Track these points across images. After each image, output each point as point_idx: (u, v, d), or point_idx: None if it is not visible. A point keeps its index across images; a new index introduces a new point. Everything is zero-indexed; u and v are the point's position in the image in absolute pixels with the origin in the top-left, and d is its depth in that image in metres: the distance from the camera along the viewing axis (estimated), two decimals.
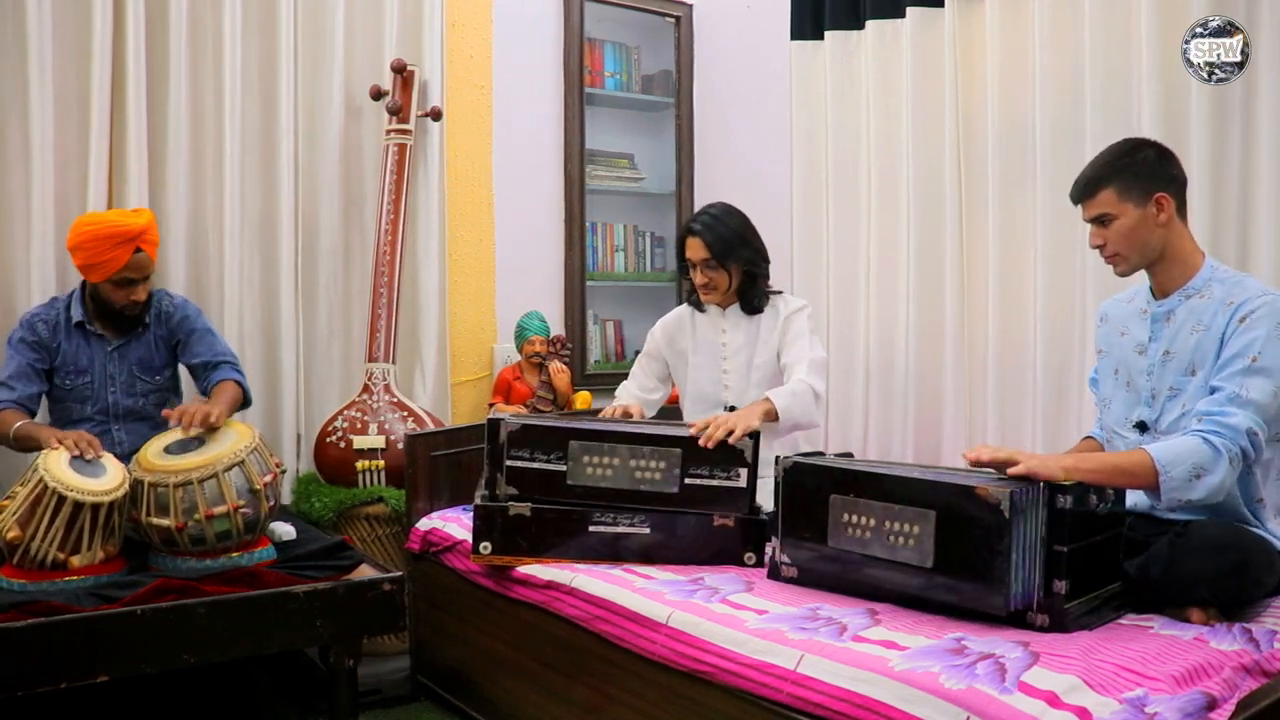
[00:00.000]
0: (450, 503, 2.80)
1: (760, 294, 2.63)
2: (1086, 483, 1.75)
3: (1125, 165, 1.94)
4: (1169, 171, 1.95)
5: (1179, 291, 1.97)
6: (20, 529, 2.08)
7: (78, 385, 2.58)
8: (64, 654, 1.97)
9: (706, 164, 4.11)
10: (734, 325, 2.66)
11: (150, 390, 2.66)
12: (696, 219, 2.61)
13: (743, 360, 2.63)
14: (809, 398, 2.44)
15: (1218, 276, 1.95)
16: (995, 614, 1.69)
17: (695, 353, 2.70)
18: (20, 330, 2.57)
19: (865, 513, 1.86)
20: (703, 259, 2.57)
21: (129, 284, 2.52)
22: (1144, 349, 2.02)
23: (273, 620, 2.17)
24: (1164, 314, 1.99)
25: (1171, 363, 1.96)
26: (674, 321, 2.77)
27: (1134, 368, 2.03)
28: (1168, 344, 1.97)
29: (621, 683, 2.00)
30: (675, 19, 4.08)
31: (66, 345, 2.57)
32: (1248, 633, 1.67)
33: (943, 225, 3.15)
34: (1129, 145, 1.99)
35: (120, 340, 2.62)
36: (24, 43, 2.79)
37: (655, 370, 2.79)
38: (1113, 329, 2.13)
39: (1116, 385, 2.09)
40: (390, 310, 3.23)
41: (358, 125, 3.39)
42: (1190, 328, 1.93)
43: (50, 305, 2.63)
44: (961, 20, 3.10)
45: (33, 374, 2.53)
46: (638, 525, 2.22)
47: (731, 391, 2.64)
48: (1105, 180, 1.95)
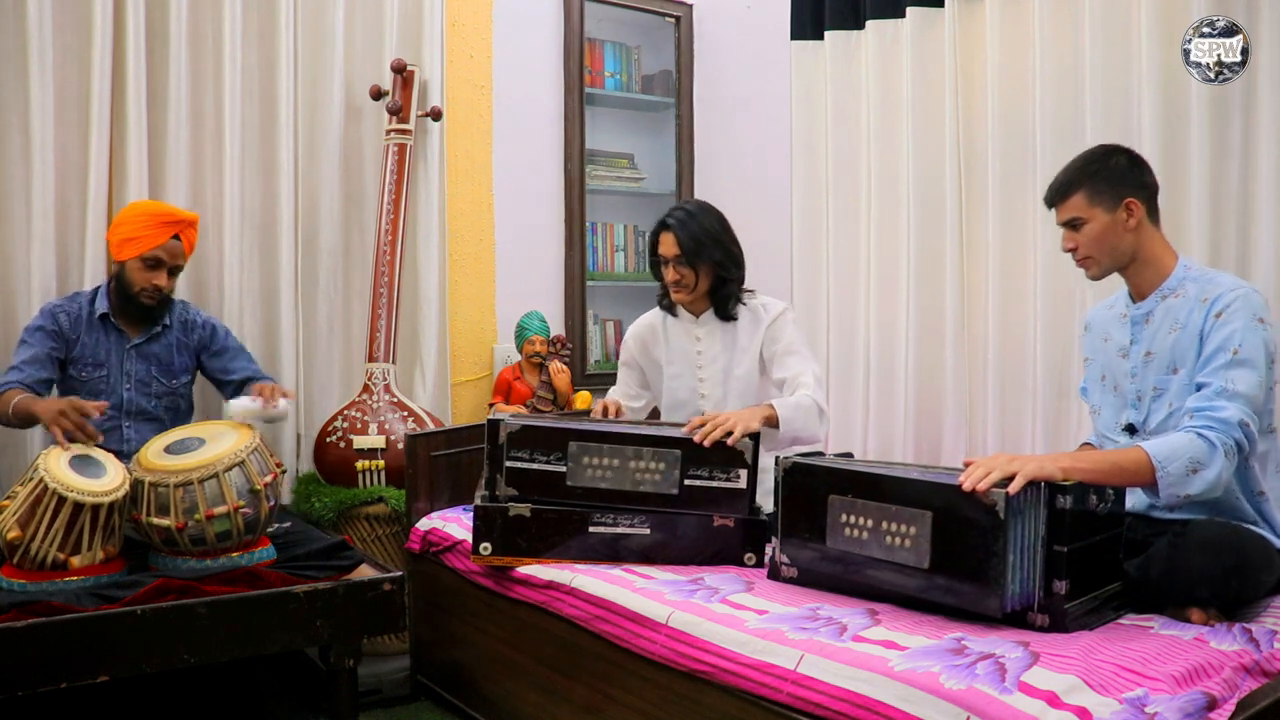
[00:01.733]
0: (450, 503, 2.80)
1: (733, 299, 2.54)
2: (1086, 482, 1.75)
3: (1096, 171, 1.97)
4: (1139, 178, 1.98)
5: (1155, 293, 2.00)
6: (20, 529, 2.08)
7: (93, 379, 2.60)
8: (64, 654, 1.97)
9: (706, 164, 4.12)
10: (708, 333, 2.58)
11: (164, 393, 2.68)
12: (671, 214, 2.53)
13: (719, 369, 2.56)
14: (814, 413, 2.35)
15: (1190, 275, 1.97)
16: (991, 615, 1.69)
17: (670, 362, 2.63)
18: (40, 319, 2.59)
19: (863, 513, 1.86)
20: (674, 255, 2.49)
21: (157, 265, 2.56)
22: (1126, 352, 2.04)
23: (273, 620, 2.17)
24: (1142, 316, 2.01)
25: (1153, 363, 1.98)
26: (646, 329, 2.69)
27: (1118, 371, 2.06)
28: (1148, 345, 1.99)
29: (621, 683, 2.00)
30: (675, 19, 4.08)
31: (86, 338, 2.60)
32: (1248, 633, 1.67)
33: (943, 225, 3.15)
34: (1100, 151, 2.02)
35: (140, 338, 2.64)
36: (24, 43, 2.79)
37: (635, 379, 2.73)
38: (1096, 336, 2.15)
39: (1104, 391, 2.11)
40: (390, 310, 3.23)
41: (358, 125, 3.39)
42: (1168, 327, 1.95)
43: (72, 298, 2.66)
44: (961, 20, 3.09)
45: (46, 361, 2.54)
46: (637, 526, 2.22)
47: (709, 401, 2.57)
48: (1075, 185, 1.98)
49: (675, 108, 4.10)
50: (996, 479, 1.68)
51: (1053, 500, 1.72)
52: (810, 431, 2.36)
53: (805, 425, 2.34)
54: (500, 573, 2.30)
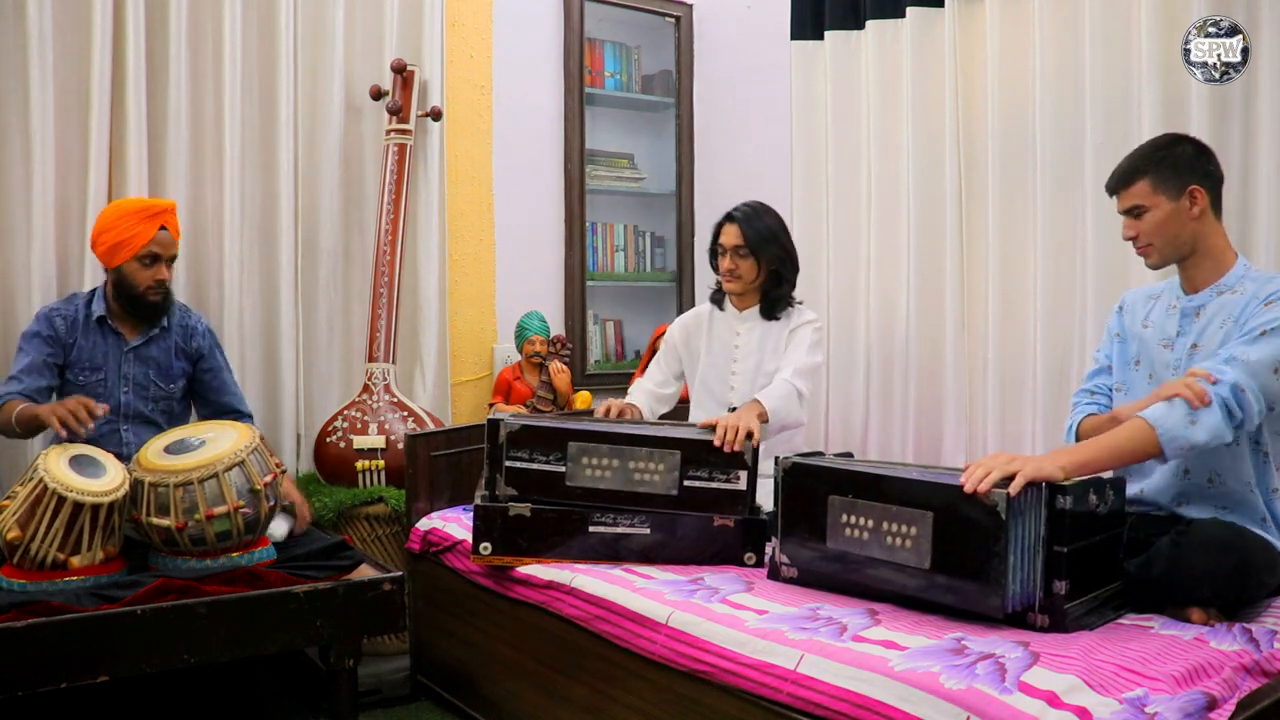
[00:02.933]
0: (450, 503, 2.80)
1: (783, 299, 2.67)
2: (1089, 473, 1.76)
3: (1162, 158, 1.95)
4: (1205, 167, 1.95)
5: (1211, 287, 1.97)
6: (20, 529, 2.08)
7: (91, 382, 2.56)
8: (64, 654, 1.97)
9: (706, 164, 4.12)
10: (749, 329, 2.69)
11: (161, 397, 2.63)
12: (738, 208, 2.67)
13: (751, 365, 2.66)
14: (794, 398, 2.49)
15: (1251, 275, 1.95)
16: (992, 615, 1.69)
17: (708, 351, 2.74)
18: (36, 324, 2.54)
19: (864, 513, 1.86)
20: (735, 245, 2.61)
21: (154, 261, 2.52)
22: (1171, 343, 2.01)
23: (273, 620, 2.17)
24: (1194, 309, 1.98)
25: (1198, 356, 1.94)
26: (693, 319, 2.81)
27: (1158, 361, 2.03)
28: (1196, 338, 1.96)
29: (621, 683, 2.00)
30: (675, 19, 4.09)
31: (84, 341, 2.55)
32: (1248, 633, 1.67)
33: (943, 225, 3.15)
34: (1168, 139, 2.00)
35: (138, 340, 2.59)
36: (24, 43, 2.79)
37: (671, 366, 2.82)
38: (1133, 319, 2.12)
39: (1136, 375, 2.08)
40: (390, 310, 3.23)
41: (358, 125, 3.39)
42: (1219, 322, 1.93)
43: (69, 301, 2.61)
44: (961, 20, 3.09)
45: (44, 368, 2.51)
46: (637, 526, 2.22)
47: (737, 394, 2.66)
48: (1141, 172, 1.95)
49: (675, 108, 4.10)
50: (996, 479, 1.68)
51: (1053, 500, 1.72)
52: (794, 417, 2.51)
53: (789, 412, 2.48)
54: (500, 573, 2.30)
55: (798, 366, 2.55)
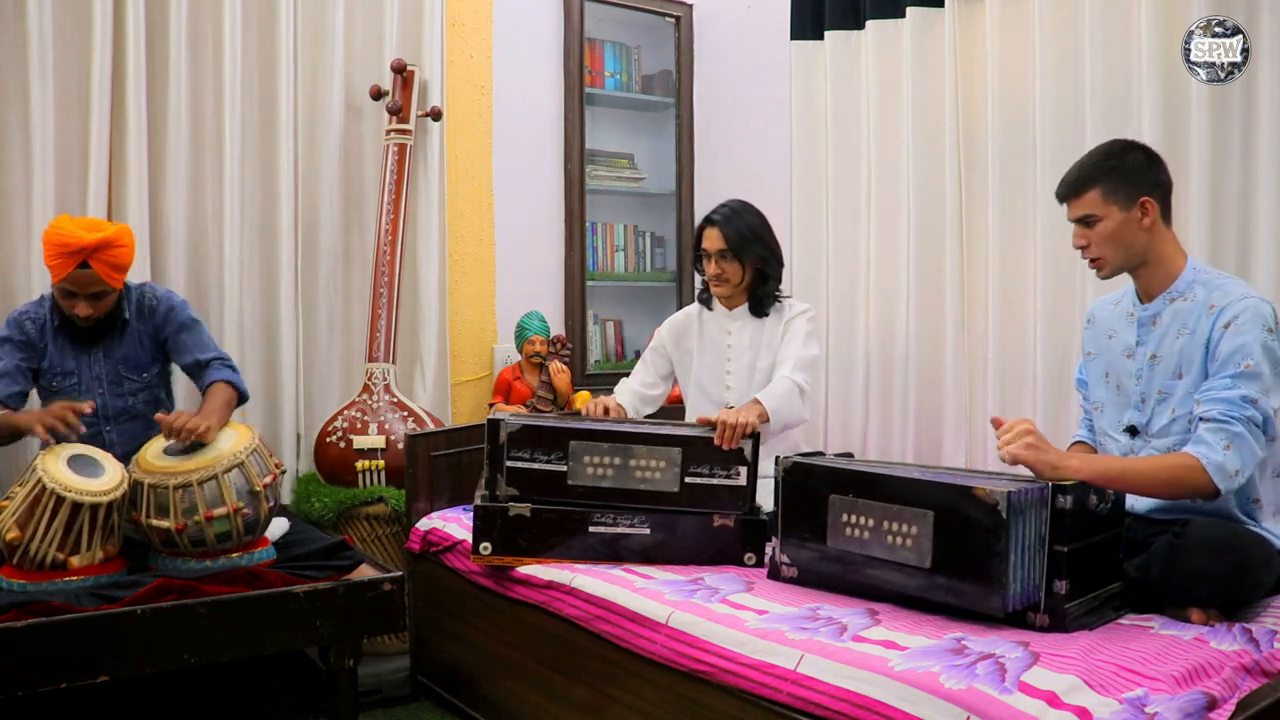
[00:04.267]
0: (450, 503, 2.80)
1: (769, 296, 2.65)
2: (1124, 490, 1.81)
3: (1113, 167, 1.93)
4: (1156, 176, 1.95)
5: (1163, 295, 1.97)
6: (19, 529, 2.08)
7: (65, 387, 2.50)
8: (64, 654, 1.97)
9: (706, 164, 4.11)
10: (740, 327, 2.68)
11: (139, 389, 2.58)
12: (717, 211, 2.65)
13: (746, 363, 2.65)
14: (795, 395, 2.47)
15: (1200, 279, 1.94)
16: (993, 615, 1.69)
17: (701, 352, 2.72)
18: (7, 329, 2.49)
19: (864, 513, 1.86)
20: (718, 249, 2.60)
21: (69, 296, 2.40)
22: (1131, 352, 2.02)
23: (273, 620, 2.17)
24: (1149, 318, 1.99)
25: (1159, 366, 1.96)
26: (682, 320, 2.80)
27: (1123, 371, 2.04)
28: (1154, 348, 1.97)
29: (621, 683, 2.00)
30: (675, 19, 4.08)
31: (53, 346, 2.49)
32: (1248, 633, 1.67)
33: (943, 225, 3.15)
34: (1118, 146, 1.98)
35: (101, 340, 2.53)
36: (24, 43, 2.79)
37: (659, 367, 2.80)
38: (1100, 331, 2.13)
39: (1107, 388, 2.08)
40: (390, 310, 3.23)
41: (358, 125, 3.39)
42: (1175, 331, 1.93)
43: (39, 303, 2.55)
44: (961, 20, 3.09)
45: (17, 374, 2.44)
46: (638, 526, 2.22)
47: (733, 393, 2.66)
48: (1092, 181, 1.94)
49: (675, 108, 4.10)
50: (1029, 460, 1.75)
51: (1053, 500, 1.72)
52: (796, 415, 2.48)
53: (790, 410, 2.45)
54: (500, 573, 2.30)
55: (796, 361, 2.54)
